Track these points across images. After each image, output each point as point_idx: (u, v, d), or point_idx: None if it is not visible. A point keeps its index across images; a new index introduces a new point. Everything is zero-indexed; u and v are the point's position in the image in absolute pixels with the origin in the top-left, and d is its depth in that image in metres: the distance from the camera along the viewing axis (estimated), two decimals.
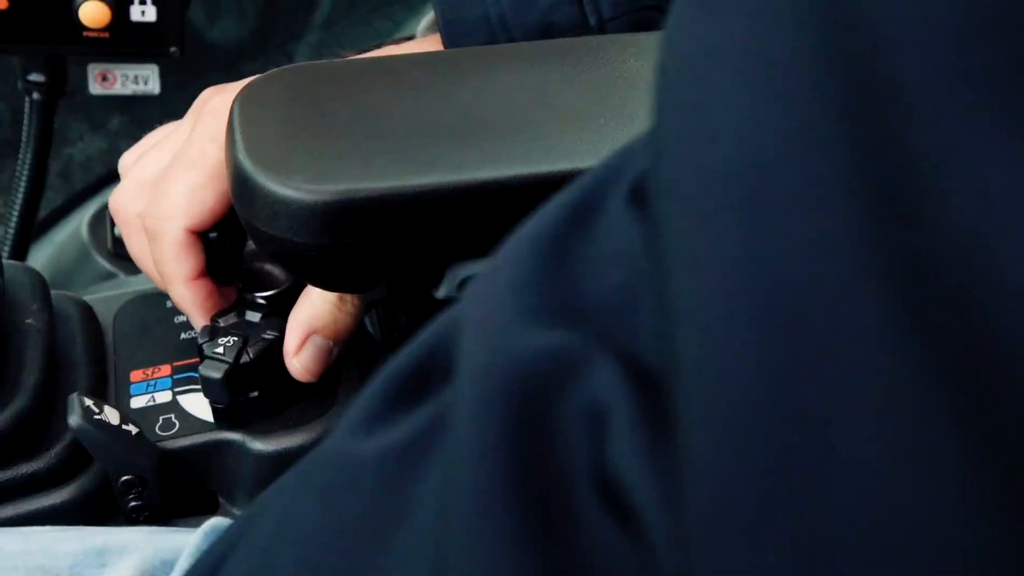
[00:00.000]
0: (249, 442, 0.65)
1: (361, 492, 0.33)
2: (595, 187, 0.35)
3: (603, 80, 0.62)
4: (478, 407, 0.29)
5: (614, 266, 0.31)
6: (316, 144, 0.56)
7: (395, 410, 0.34)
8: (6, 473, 0.61)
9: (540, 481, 0.28)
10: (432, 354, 0.35)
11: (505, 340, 0.30)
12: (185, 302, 0.64)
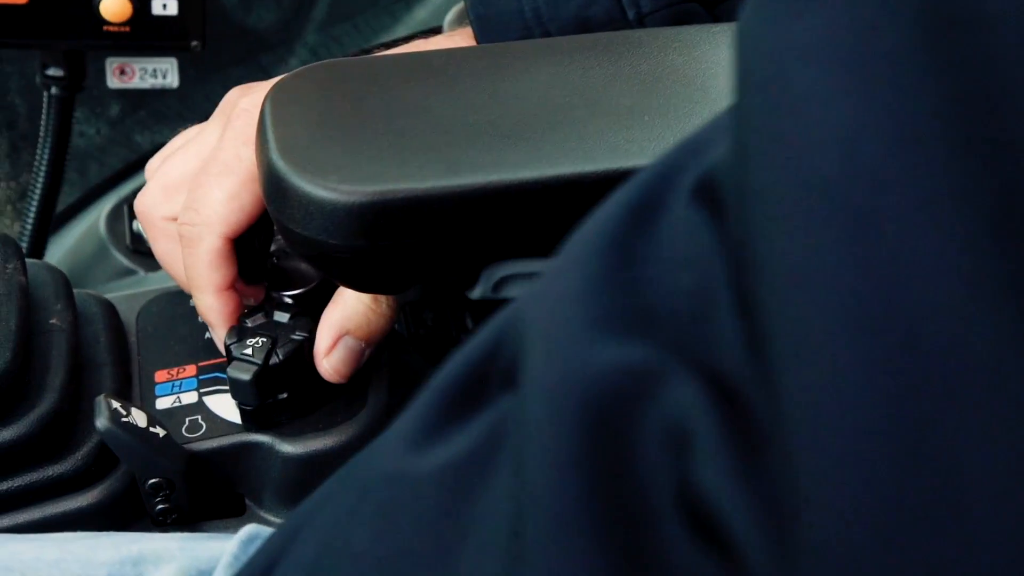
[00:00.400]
0: (278, 444, 0.63)
1: (420, 512, 0.31)
2: (655, 185, 0.33)
3: (646, 76, 0.61)
4: (550, 426, 0.28)
5: (683, 270, 0.30)
6: (351, 143, 0.55)
7: (449, 421, 0.33)
8: (32, 476, 0.60)
9: (620, 503, 0.27)
10: (487, 361, 0.34)
11: (575, 353, 0.29)
12: (212, 312, 0.62)
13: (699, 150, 0.34)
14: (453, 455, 0.32)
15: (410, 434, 0.33)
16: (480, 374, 0.34)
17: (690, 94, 0.60)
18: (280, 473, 0.64)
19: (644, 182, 0.34)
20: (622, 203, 0.33)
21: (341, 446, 0.64)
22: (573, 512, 0.27)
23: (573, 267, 0.31)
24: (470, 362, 0.34)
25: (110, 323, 0.69)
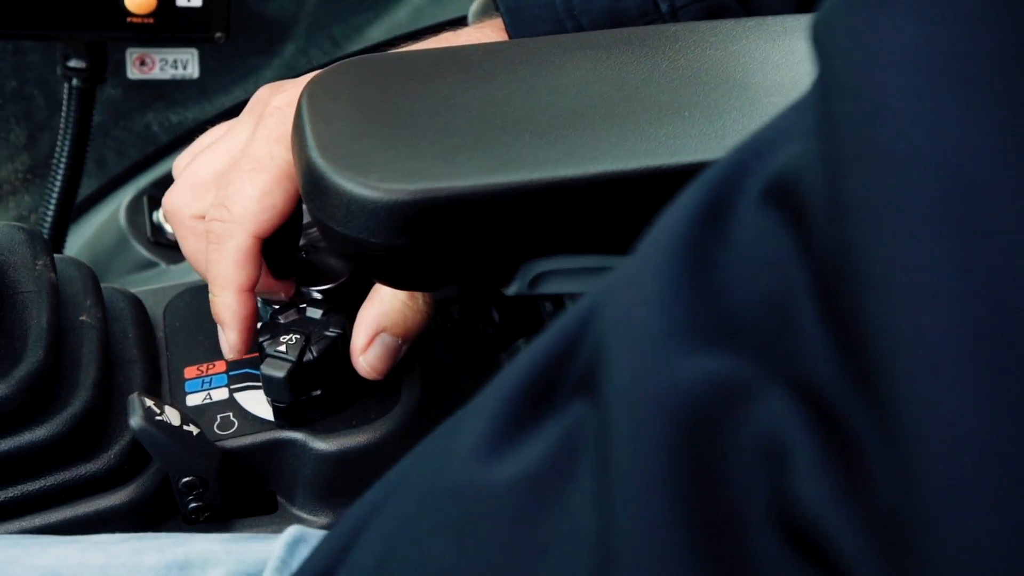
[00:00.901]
0: (311, 442, 0.63)
1: (497, 525, 0.31)
2: (722, 186, 0.33)
3: (683, 72, 0.60)
4: (639, 439, 0.28)
5: (759, 276, 0.30)
6: (390, 140, 0.54)
7: (519, 428, 0.33)
8: (65, 474, 0.60)
9: (712, 517, 0.26)
10: (555, 365, 0.34)
11: (661, 365, 0.28)
12: (227, 311, 0.61)
13: (764, 152, 0.33)
14: (527, 465, 0.31)
15: (480, 442, 0.33)
16: (548, 379, 0.33)
17: (728, 90, 0.60)
18: (313, 470, 0.63)
19: (710, 183, 0.33)
20: (691, 205, 0.32)
21: (375, 443, 0.64)
22: (665, 526, 0.26)
23: (649, 272, 0.31)
24: (537, 366, 0.34)
25: (138, 319, 0.69)
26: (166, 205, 0.64)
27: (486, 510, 0.31)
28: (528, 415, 0.33)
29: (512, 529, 0.31)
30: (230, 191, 0.59)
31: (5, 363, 0.57)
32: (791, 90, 0.60)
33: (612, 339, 0.30)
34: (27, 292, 0.61)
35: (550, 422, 0.32)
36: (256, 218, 0.59)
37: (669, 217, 0.33)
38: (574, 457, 0.31)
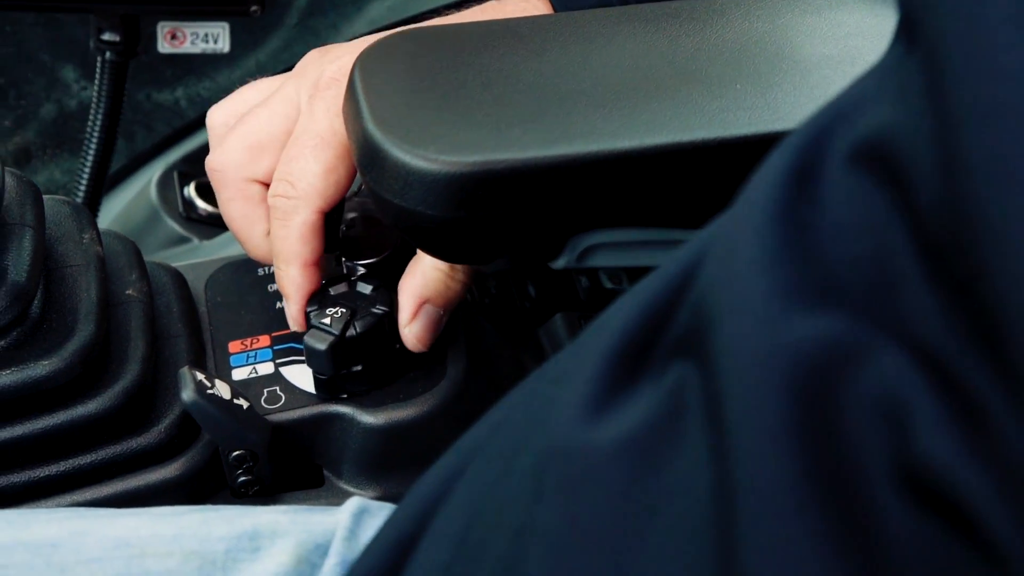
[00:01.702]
0: (359, 415, 0.63)
1: (604, 487, 0.31)
2: (808, 150, 0.33)
3: (732, 45, 0.60)
4: (757, 399, 0.28)
5: (857, 237, 0.30)
6: (445, 113, 0.54)
7: (618, 391, 0.33)
8: (116, 448, 0.60)
9: (834, 473, 0.26)
10: (649, 329, 0.34)
11: (773, 326, 0.28)
12: (293, 285, 0.61)
13: (846, 116, 0.33)
14: (631, 428, 0.31)
15: (580, 405, 0.33)
16: (642, 342, 0.33)
17: (777, 63, 0.60)
18: (360, 444, 0.64)
19: (795, 148, 0.33)
20: (779, 170, 0.33)
21: (421, 416, 0.64)
22: (788, 484, 0.26)
23: (748, 235, 0.31)
24: (630, 330, 0.34)
25: (181, 293, 0.69)
26: (215, 164, 0.63)
27: (592, 472, 0.31)
28: (624, 378, 0.33)
29: (620, 490, 0.31)
30: (294, 167, 0.59)
31: (57, 337, 0.58)
32: (839, 62, 0.60)
33: (718, 302, 0.30)
34: (75, 266, 0.61)
35: (648, 384, 0.33)
36: (322, 195, 0.59)
37: (759, 182, 0.33)
38: (679, 419, 0.31)
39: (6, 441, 0.57)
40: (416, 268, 0.62)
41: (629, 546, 0.30)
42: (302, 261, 0.60)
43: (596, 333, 0.36)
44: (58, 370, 0.56)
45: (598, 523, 0.31)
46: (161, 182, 1.07)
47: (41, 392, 0.57)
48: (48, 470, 0.58)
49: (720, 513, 0.28)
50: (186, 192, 1.07)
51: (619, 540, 0.30)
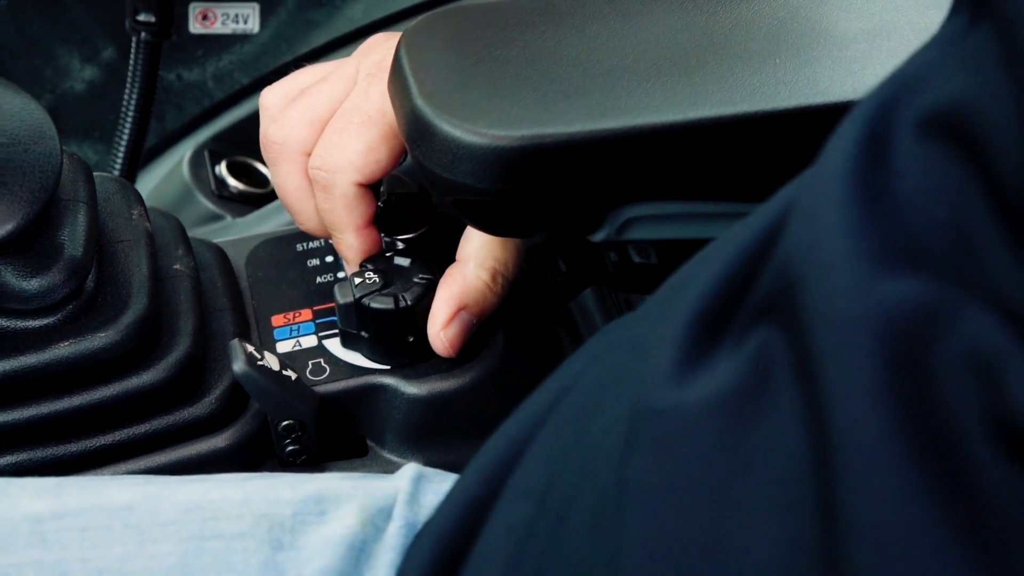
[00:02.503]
0: (402, 386, 0.64)
1: (698, 443, 0.32)
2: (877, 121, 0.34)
3: (768, 20, 0.61)
4: (850, 359, 0.29)
5: (934, 202, 0.31)
6: (492, 88, 0.55)
7: (702, 354, 0.34)
8: (169, 418, 0.61)
9: (932, 431, 0.28)
10: (729, 296, 0.35)
11: (860, 288, 0.30)
12: (351, 250, 0.63)
13: (913, 87, 0.34)
14: (719, 389, 0.33)
15: (667, 368, 0.34)
16: (722, 308, 0.35)
17: (815, 37, 0.61)
18: (404, 414, 0.65)
19: (864, 119, 0.34)
20: (851, 140, 0.34)
21: (463, 387, 0.65)
22: (887, 438, 0.28)
23: (829, 204, 0.32)
24: (710, 298, 0.35)
25: (224, 268, 0.70)
26: (274, 137, 0.64)
27: (685, 430, 0.33)
28: (706, 342, 0.34)
29: (713, 447, 0.32)
30: (335, 140, 0.61)
31: (112, 310, 0.59)
32: (875, 35, 0.62)
33: (804, 268, 0.32)
34: (125, 241, 0.63)
35: (729, 348, 0.34)
36: (360, 170, 0.60)
37: (832, 152, 0.34)
38: (766, 380, 0.32)
39: (64, 411, 0.59)
40: (457, 273, 0.63)
41: (726, 498, 0.31)
42: (353, 226, 0.62)
43: (674, 299, 0.37)
44: (115, 342, 0.58)
45: (694, 478, 0.32)
46: (193, 161, 1.08)
47: (98, 364, 0.58)
48: (103, 440, 0.60)
49: (818, 468, 0.29)
50: (217, 170, 1.08)
51: (715, 493, 0.32)
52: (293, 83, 0.67)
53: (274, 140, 0.64)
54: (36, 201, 0.54)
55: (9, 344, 0.58)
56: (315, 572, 0.46)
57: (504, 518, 0.40)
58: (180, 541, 0.47)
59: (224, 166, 1.08)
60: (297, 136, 0.63)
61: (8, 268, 0.56)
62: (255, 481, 0.52)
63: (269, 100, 0.66)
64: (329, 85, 0.64)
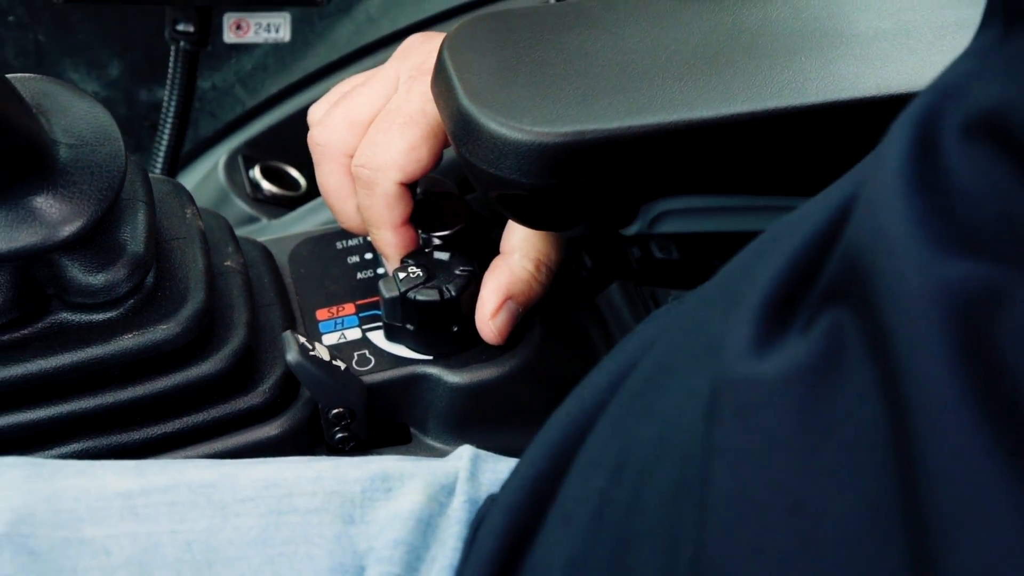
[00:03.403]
0: (445, 375, 0.67)
1: (780, 410, 0.35)
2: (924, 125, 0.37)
3: (790, 21, 0.64)
4: (921, 331, 0.32)
5: (984, 199, 0.34)
6: (533, 88, 0.58)
7: (773, 335, 0.37)
8: (225, 407, 0.64)
9: (997, 395, 0.30)
10: (796, 282, 0.38)
11: (927, 270, 0.32)
12: (390, 246, 0.66)
13: (953, 95, 0.37)
14: (796, 363, 0.35)
15: (744, 345, 0.37)
16: (793, 292, 0.38)
17: (837, 36, 0.64)
18: (447, 402, 0.68)
19: (912, 123, 0.37)
20: (903, 141, 0.37)
21: (503, 376, 0.68)
22: (960, 399, 0.30)
23: (891, 197, 0.35)
24: (781, 282, 0.38)
25: (269, 265, 0.73)
26: (319, 139, 0.67)
27: (765, 399, 0.35)
28: (778, 324, 0.37)
29: (793, 415, 0.35)
30: (378, 139, 0.64)
31: (172, 304, 0.62)
32: (894, 35, 0.65)
33: (874, 254, 0.34)
34: (180, 239, 0.66)
35: (799, 329, 0.37)
36: (401, 169, 0.63)
37: (887, 154, 0.37)
38: (839, 355, 0.35)
39: (127, 400, 0.61)
40: (503, 265, 0.66)
41: (807, 460, 0.34)
42: (392, 224, 0.65)
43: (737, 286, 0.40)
44: (176, 333, 0.61)
45: (776, 442, 0.35)
46: (227, 165, 1.11)
47: (159, 355, 0.61)
48: (164, 428, 0.63)
49: (894, 432, 0.32)
50: (252, 174, 1.11)
51: (797, 455, 0.34)
52: (336, 94, 0.70)
53: (318, 142, 0.68)
54: (104, 199, 0.57)
55: (76, 337, 0.60)
56: (387, 543, 0.49)
57: (577, 489, 0.43)
58: (260, 515, 0.49)
59: (258, 170, 1.12)
60: (339, 138, 0.67)
61: (75, 264, 0.59)
62: (322, 462, 0.54)
63: (316, 114, 0.70)
64: (369, 88, 0.67)
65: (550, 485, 0.46)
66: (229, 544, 0.48)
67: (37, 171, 0.55)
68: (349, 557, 0.49)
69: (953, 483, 0.30)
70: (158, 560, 0.47)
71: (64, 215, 0.56)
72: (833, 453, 0.34)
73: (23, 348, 0.60)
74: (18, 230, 0.56)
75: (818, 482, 0.33)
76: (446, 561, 0.48)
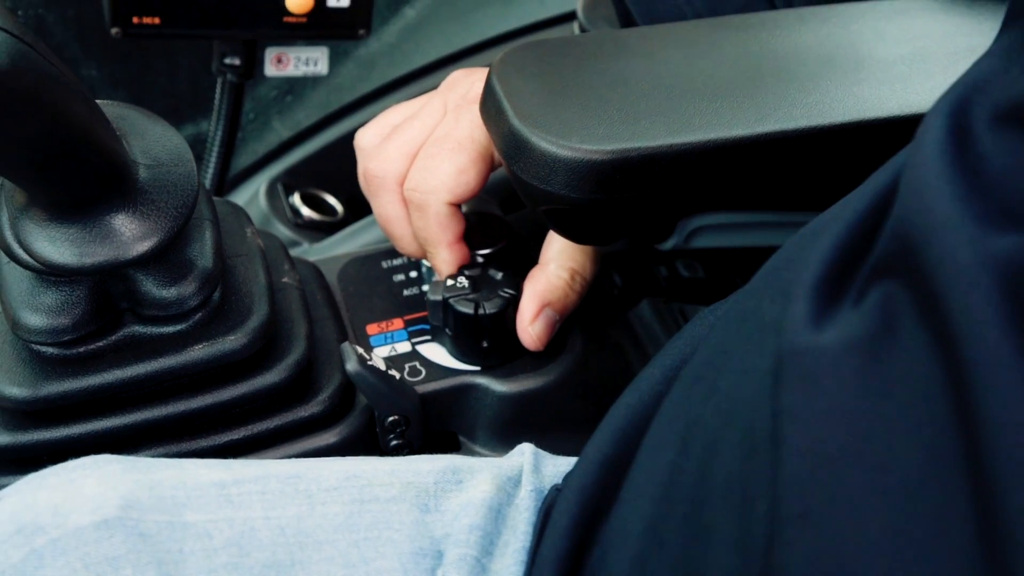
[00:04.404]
0: (493, 385, 0.71)
1: (842, 376, 0.39)
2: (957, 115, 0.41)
3: (816, 46, 0.68)
4: (973, 296, 0.35)
5: (1020, 179, 0.38)
6: (579, 109, 0.62)
7: (828, 307, 0.41)
8: (286, 416, 0.67)
9: None
10: (847, 260, 0.42)
11: (974, 244, 0.36)
12: (445, 263, 0.70)
13: (981, 88, 0.41)
14: (854, 332, 0.39)
15: (803, 319, 0.41)
16: (843, 270, 0.42)
17: (859, 61, 0.68)
18: (495, 410, 0.72)
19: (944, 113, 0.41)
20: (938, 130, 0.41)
21: (548, 385, 0.72)
22: (1016, 355, 0.34)
23: (934, 180, 0.39)
24: (832, 262, 0.42)
25: (321, 283, 0.77)
26: (374, 170, 0.71)
27: (827, 366, 0.39)
28: (831, 297, 0.41)
29: (855, 377, 0.38)
30: (429, 164, 0.68)
31: (238, 316, 0.65)
32: (912, 60, 0.69)
33: (923, 229, 0.38)
34: (242, 256, 0.69)
35: (850, 303, 0.40)
36: (452, 191, 0.68)
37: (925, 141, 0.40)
38: (892, 324, 0.39)
39: (196, 410, 0.65)
40: (540, 275, 0.70)
41: (871, 417, 0.37)
42: (446, 242, 0.70)
43: (783, 273, 0.44)
44: (243, 345, 0.64)
45: (841, 403, 0.38)
46: (268, 192, 1.16)
47: (227, 365, 0.65)
48: (230, 436, 0.66)
49: (952, 388, 0.36)
50: (291, 201, 1.16)
51: (862, 414, 0.38)
52: (384, 122, 0.74)
53: (375, 174, 0.72)
54: (179, 217, 0.61)
55: (148, 348, 0.64)
56: (463, 529, 0.53)
57: (647, 466, 0.47)
58: (344, 504, 0.53)
59: (298, 197, 1.16)
60: (394, 169, 0.71)
61: (149, 278, 0.63)
62: (394, 459, 0.58)
63: (364, 140, 0.74)
64: (420, 121, 0.71)
65: (617, 467, 0.50)
66: (318, 529, 0.52)
67: (119, 190, 0.59)
68: (427, 542, 0.52)
69: (1010, 431, 0.33)
70: (255, 543, 0.50)
71: (143, 232, 0.60)
72: (894, 411, 0.37)
73: (98, 360, 0.64)
74: (100, 245, 0.59)
75: (883, 438, 0.37)
76: (518, 544, 0.52)
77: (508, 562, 0.51)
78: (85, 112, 0.54)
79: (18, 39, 0.48)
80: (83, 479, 0.51)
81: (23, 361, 0.64)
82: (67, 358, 0.64)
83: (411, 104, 0.74)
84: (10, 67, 0.48)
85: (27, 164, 0.54)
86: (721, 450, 0.43)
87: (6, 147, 0.52)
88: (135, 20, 0.86)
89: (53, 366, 0.63)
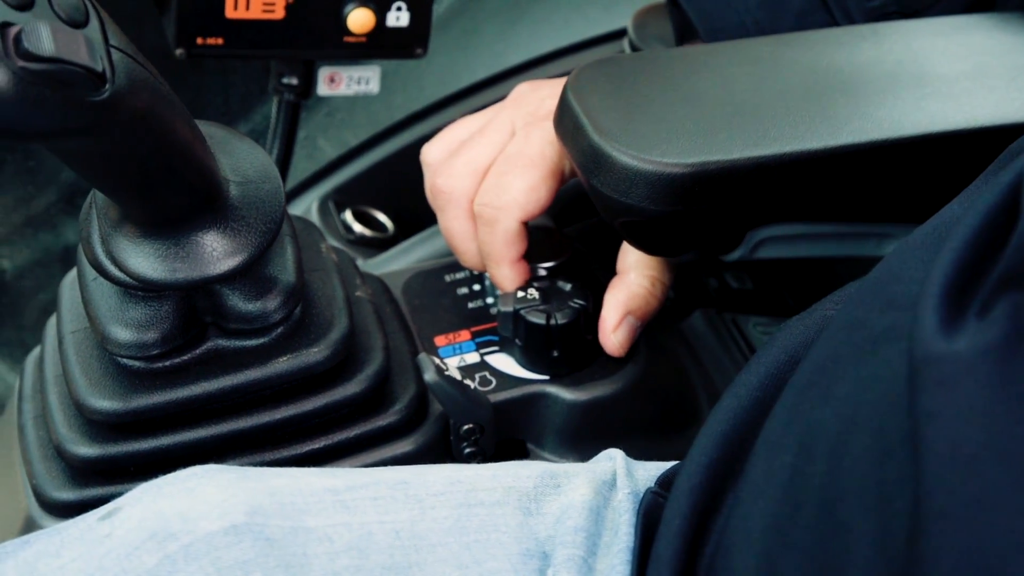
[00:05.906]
0: (563, 394, 0.73)
1: (977, 380, 0.40)
2: None
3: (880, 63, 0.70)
4: None
5: None
6: (655, 124, 0.64)
7: (956, 317, 0.42)
8: (364, 426, 0.68)
9: None
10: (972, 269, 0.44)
11: None
12: (507, 281, 0.72)
13: None
14: (985, 341, 0.41)
15: (933, 329, 0.42)
16: (965, 282, 0.43)
17: (922, 76, 0.69)
18: (564, 419, 0.73)
19: None
20: None
21: (616, 393, 0.73)
22: None
23: None
24: (954, 276, 0.44)
25: (389, 296, 0.79)
26: (444, 187, 0.73)
27: (964, 370, 0.41)
28: (957, 307, 0.43)
29: (990, 384, 0.40)
30: (502, 181, 0.69)
31: (320, 329, 0.67)
32: (973, 76, 0.70)
33: None
34: (319, 271, 0.71)
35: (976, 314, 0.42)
36: (523, 208, 0.69)
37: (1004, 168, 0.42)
38: None
39: (280, 420, 0.66)
40: (622, 283, 0.72)
41: (1009, 422, 0.39)
42: (509, 260, 0.71)
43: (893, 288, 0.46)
44: (325, 356, 0.66)
45: (981, 405, 0.40)
46: (320, 210, 1.17)
47: (309, 377, 0.66)
48: (311, 446, 0.68)
49: None
50: (343, 217, 1.17)
51: (999, 418, 0.39)
52: (450, 137, 0.76)
53: (443, 190, 0.73)
54: (268, 233, 0.63)
55: (232, 361, 0.66)
56: (568, 530, 0.54)
57: (763, 467, 0.48)
58: (452, 508, 0.55)
59: (350, 213, 1.18)
60: (462, 185, 0.72)
61: (235, 293, 0.64)
62: (491, 465, 0.60)
63: (431, 155, 0.76)
64: (487, 138, 0.73)
65: (725, 469, 0.51)
66: (430, 532, 0.53)
67: (211, 207, 0.61)
68: (533, 543, 0.54)
69: None
70: (373, 546, 0.52)
71: (233, 248, 0.61)
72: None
73: (184, 373, 0.65)
74: (191, 261, 0.61)
75: (1022, 439, 0.38)
76: (621, 544, 0.54)
77: (614, 561, 0.53)
78: (188, 131, 0.56)
79: (135, 60, 0.50)
80: (202, 487, 0.53)
81: (111, 375, 0.65)
82: (154, 371, 0.65)
83: (476, 118, 0.76)
84: (128, 87, 0.49)
85: (133, 180, 0.56)
86: (850, 452, 0.44)
87: (119, 163, 0.53)
88: (199, 41, 0.88)
89: (141, 379, 0.65)
